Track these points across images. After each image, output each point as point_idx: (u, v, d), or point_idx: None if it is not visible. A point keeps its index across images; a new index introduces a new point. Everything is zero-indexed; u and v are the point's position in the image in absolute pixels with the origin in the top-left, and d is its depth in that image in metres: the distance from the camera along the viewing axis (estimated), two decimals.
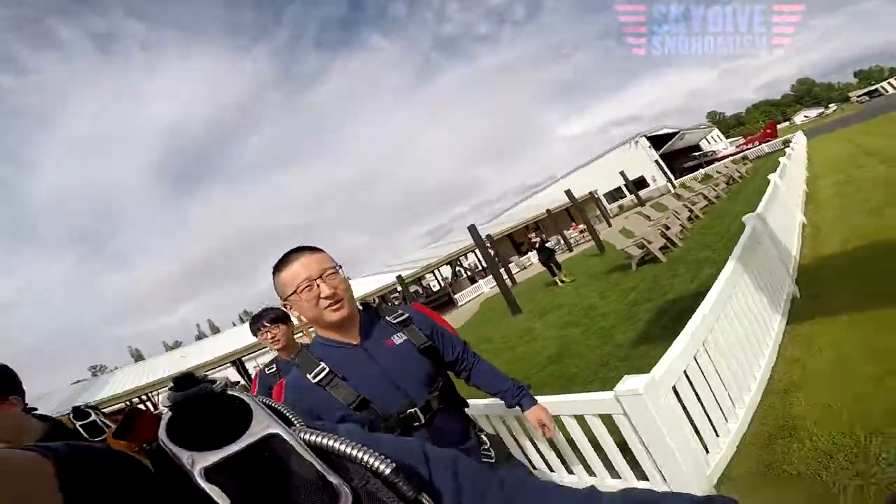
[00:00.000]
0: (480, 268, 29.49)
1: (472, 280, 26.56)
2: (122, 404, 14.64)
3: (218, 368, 18.29)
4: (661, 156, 34.84)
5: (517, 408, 1.72)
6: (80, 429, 1.45)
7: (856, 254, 4.53)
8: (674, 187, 27.97)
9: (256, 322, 2.47)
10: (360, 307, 1.57)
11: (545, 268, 12.66)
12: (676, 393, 2.19)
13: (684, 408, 2.20)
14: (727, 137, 61.61)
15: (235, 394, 0.40)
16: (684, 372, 2.26)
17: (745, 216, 4.02)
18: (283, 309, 2.28)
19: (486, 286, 22.22)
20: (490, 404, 2.56)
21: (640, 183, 33.49)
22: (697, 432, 2.24)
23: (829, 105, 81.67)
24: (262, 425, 0.39)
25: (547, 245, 12.53)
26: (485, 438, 1.66)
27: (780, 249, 4.21)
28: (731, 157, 31.56)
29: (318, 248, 1.48)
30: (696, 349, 2.37)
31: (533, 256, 25.13)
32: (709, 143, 46.35)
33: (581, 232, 25.34)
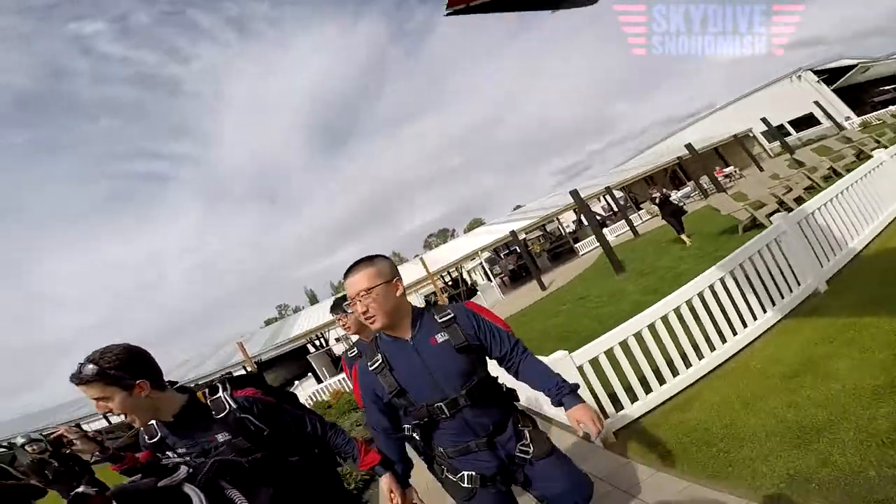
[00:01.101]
0: (612, 212, 28.78)
1: (603, 224, 26.21)
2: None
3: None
4: (837, 91, 29.10)
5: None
6: (210, 403, 1.68)
7: None
8: (839, 129, 23.47)
9: (335, 309, 2.79)
10: (422, 302, 2.21)
11: (669, 224, 11.73)
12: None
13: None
14: None
15: (188, 492, 0.42)
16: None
17: (776, 216, 4.48)
18: None
19: (611, 235, 22.11)
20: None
21: (805, 122, 28.63)
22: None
23: None
24: None
25: (670, 200, 11.71)
26: (526, 434, 1.78)
27: (821, 244, 4.58)
28: None
29: (368, 260, 1.74)
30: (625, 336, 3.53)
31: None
32: None
33: (727, 177, 23.25)
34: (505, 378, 2.24)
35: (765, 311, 4.07)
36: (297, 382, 18.31)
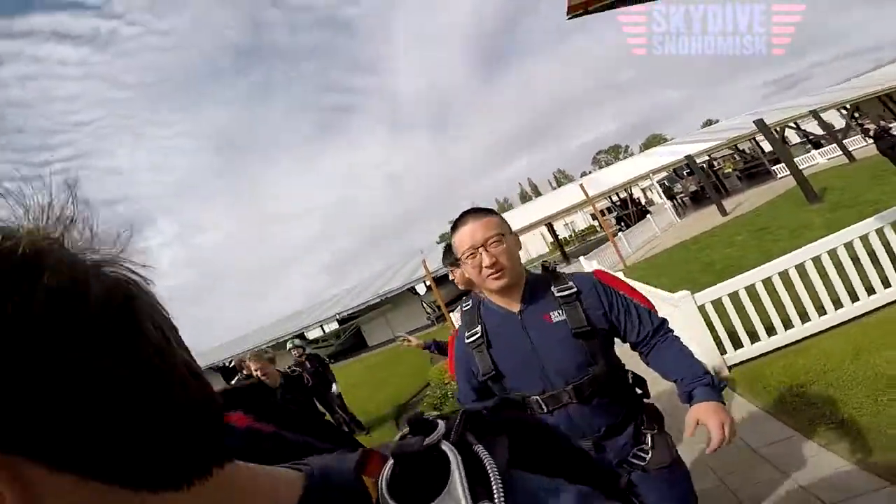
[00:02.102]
0: (827, 133, 23.71)
1: (818, 145, 21.88)
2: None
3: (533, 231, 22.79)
4: None
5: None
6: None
7: None
8: None
9: (446, 258, 2.41)
10: (537, 270, 1.59)
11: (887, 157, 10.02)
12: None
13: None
14: None
15: (446, 451, 0.40)
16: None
17: None
18: None
19: (822, 157, 18.55)
20: None
21: None
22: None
23: None
24: (454, 498, 0.37)
25: (890, 133, 10.04)
26: (648, 438, 1.47)
27: None
28: None
29: (490, 211, 1.50)
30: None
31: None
32: None
33: None
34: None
35: None
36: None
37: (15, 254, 0.28)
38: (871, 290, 3.85)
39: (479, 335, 1.48)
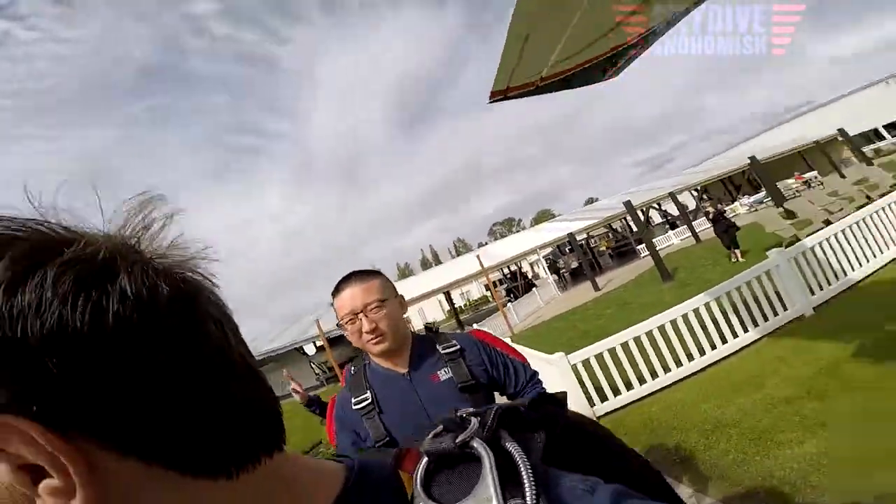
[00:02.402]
0: (680, 214, 28.22)
1: (674, 226, 25.78)
2: None
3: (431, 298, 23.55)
4: None
5: None
6: None
7: None
8: None
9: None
10: (421, 330, 1.64)
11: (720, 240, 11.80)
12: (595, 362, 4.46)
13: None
14: None
15: (477, 449, 0.39)
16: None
17: (772, 251, 5.27)
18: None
19: (677, 238, 21.95)
20: None
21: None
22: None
23: None
24: (485, 496, 0.37)
25: (724, 217, 11.94)
26: None
27: (815, 274, 5.29)
28: None
29: (373, 273, 1.50)
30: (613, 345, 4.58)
31: (740, 205, 23.32)
32: None
33: (805, 183, 22.12)
34: None
35: (746, 331, 4.95)
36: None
37: (96, 258, 0.31)
38: (702, 351, 4.78)
39: (368, 401, 1.43)
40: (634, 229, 27.98)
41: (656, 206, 27.23)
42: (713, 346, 4.83)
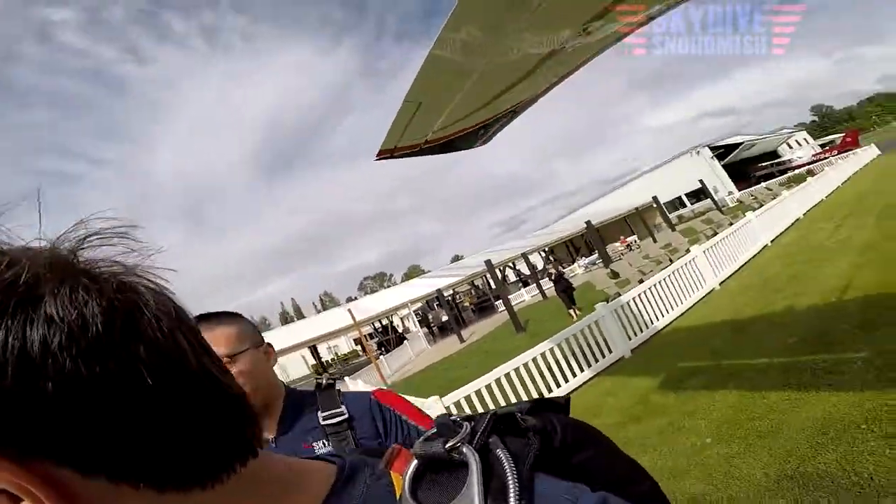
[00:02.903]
0: (531, 273, 31.37)
1: (525, 283, 28.42)
2: None
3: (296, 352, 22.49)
4: (728, 165, 34.41)
5: None
6: None
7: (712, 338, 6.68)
8: (719, 208, 27.43)
9: None
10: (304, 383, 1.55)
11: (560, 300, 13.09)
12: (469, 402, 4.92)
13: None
14: (835, 133, 56.26)
15: (466, 455, 0.40)
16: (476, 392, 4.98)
17: (599, 305, 6.42)
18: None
19: (528, 294, 24.36)
20: None
21: (701, 193, 32.43)
22: None
23: None
24: (468, 503, 0.37)
25: (563, 277, 13.45)
26: None
27: (631, 323, 6.54)
28: (807, 167, 30.77)
29: (228, 317, 1.22)
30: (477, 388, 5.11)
31: (578, 266, 26.92)
32: (790, 147, 44.39)
33: (627, 246, 26.49)
34: None
35: (582, 371, 5.89)
36: None
37: (17, 282, 0.29)
38: (549, 389, 5.61)
39: None
40: (493, 286, 30.52)
41: (511, 266, 30.05)
42: (557, 384, 5.68)
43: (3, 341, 0.28)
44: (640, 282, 11.39)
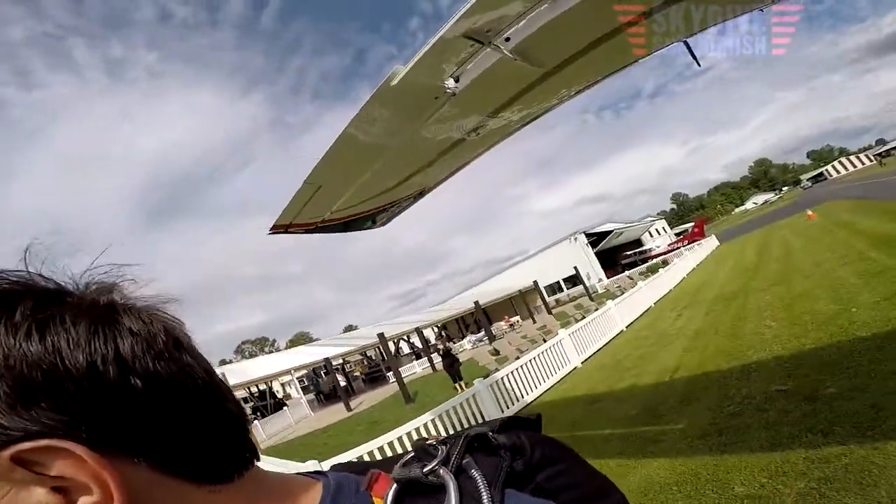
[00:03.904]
0: (423, 347, 31.76)
1: (418, 356, 28.48)
2: None
3: None
4: (600, 252, 37.61)
5: None
6: None
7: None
8: (589, 295, 28.86)
9: None
10: None
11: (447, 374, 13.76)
12: None
13: None
14: (689, 222, 60.73)
15: (444, 477, 0.42)
16: None
17: (477, 380, 7.30)
18: None
19: (420, 367, 24.76)
20: None
21: (576, 279, 33.67)
22: None
23: (783, 187, 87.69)
24: None
25: (450, 353, 14.26)
26: None
27: (505, 397, 7.44)
28: (662, 257, 34.00)
29: None
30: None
31: (467, 342, 28.05)
32: (651, 236, 48.87)
33: (511, 326, 28.19)
34: None
35: None
36: None
37: (98, 303, 0.36)
38: None
39: None
40: (386, 357, 30.35)
41: (405, 339, 30.35)
42: None
43: (104, 345, 0.33)
44: (517, 359, 12.65)
